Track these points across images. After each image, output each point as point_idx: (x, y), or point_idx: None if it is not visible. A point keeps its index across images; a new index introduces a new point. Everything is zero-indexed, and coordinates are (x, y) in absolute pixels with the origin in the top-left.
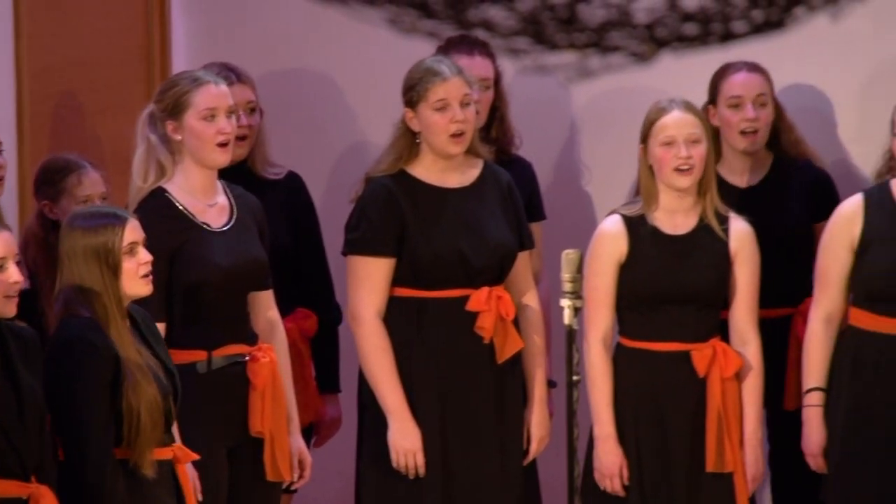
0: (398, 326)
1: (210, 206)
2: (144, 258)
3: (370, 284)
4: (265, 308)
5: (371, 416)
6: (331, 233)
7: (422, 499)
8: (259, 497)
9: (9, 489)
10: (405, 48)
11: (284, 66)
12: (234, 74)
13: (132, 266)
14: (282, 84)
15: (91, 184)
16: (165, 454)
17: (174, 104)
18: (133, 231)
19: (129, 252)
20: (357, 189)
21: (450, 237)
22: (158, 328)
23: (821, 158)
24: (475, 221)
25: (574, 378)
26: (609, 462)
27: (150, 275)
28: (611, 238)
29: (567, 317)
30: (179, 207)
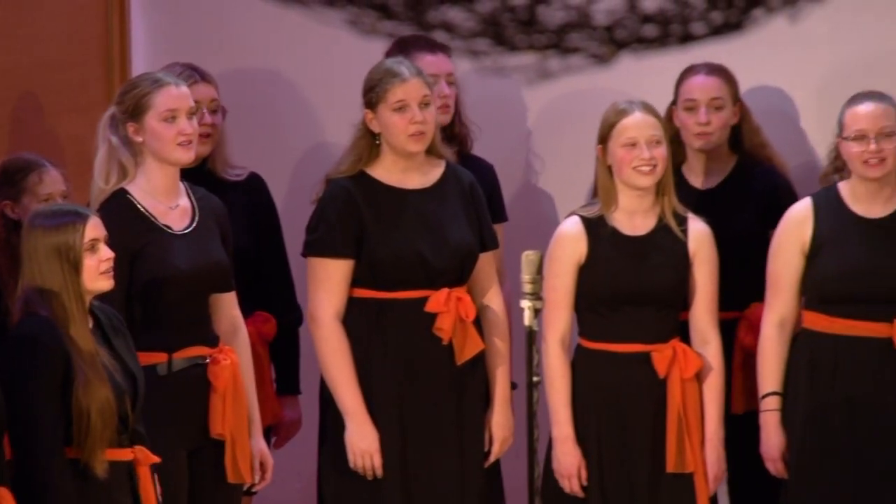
0: (357, 327)
1: (172, 209)
2: (106, 255)
3: (328, 286)
4: (227, 310)
5: (332, 417)
6: (293, 234)
7: (381, 499)
8: (220, 499)
9: None
10: (365, 49)
11: (244, 68)
12: (198, 74)
13: (93, 263)
14: (242, 85)
15: (52, 182)
16: (122, 455)
17: (135, 106)
18: (94, 228)
19: (91, 249)
20: (318, 190)
21: (409, 238)
22: None
23: (784, 164)
24: (436, 222)
25: (534, 379)
26: (567, 463)
27: (112, 271)
28: (570, 239)
29: (527, 318)
30: (141, 209)
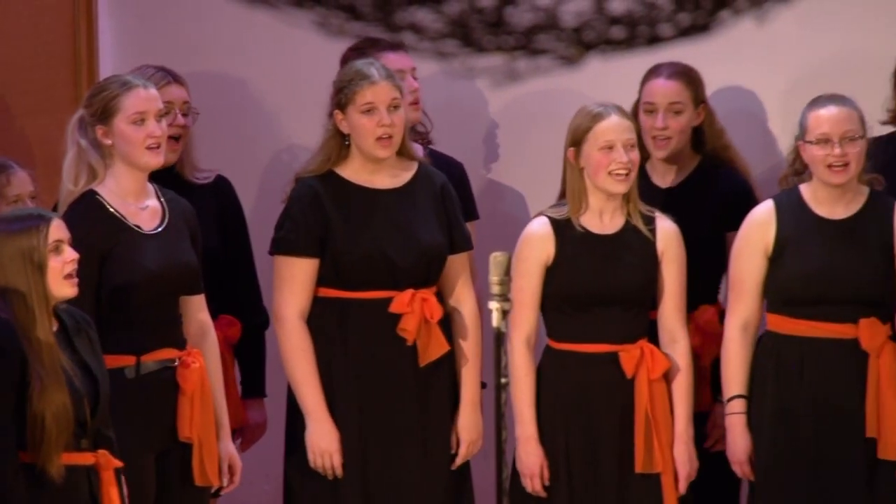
0: (322, 327)
1: (142, 209)
2: (70, 256)
3: (293, 285)
4: (196, 312)
5: (296, 417)
6: (262, 237)
7: (340, 499)
8: (187, 502)
9: None
10: (334, 51)
11: (212, 69)
12: (171, 75)
13: (58, 265)
14: (210, 87)
15: (20, 183)
16: (81, 459)
17: (103, 109)
18: (58, 229)
19: (55, 250)
20: (287, 189)
21: (375, 238)
22: None
23: (747, 166)
24: (406, 223)
25: (502, 380)
26: (530, 462)
27: (76, 275)
28: (537, 240)
29: (495, 319)
30: (111, 210)
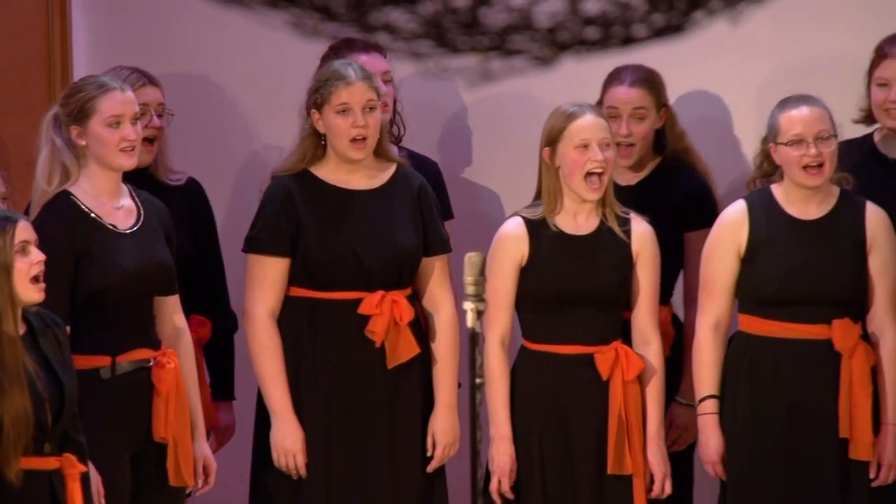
0: (291, 326)
1: (116, 209)
2: (37, 257)
3: (264, 283)
4: (171, 313)
5: (263, 415)
6: (234, 238)
7: (303, 500)
8: (162, 502)
9: None
10: (308, 51)
11: (186, 70)
12: (146, 77)
13: (24, 266)
14: (183, 88)
15: None
16: (42, 464)
17: (79, 110)
18: (24, 230)
19: (21, 251)
20: (263, 188)
21: (347, 238)
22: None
23: (707, 168)
24: (380, 224)
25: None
26: (502, 462)
27: (42, 279)
28: (511, 240)
29: (470, 319)
30: (85, 209)
